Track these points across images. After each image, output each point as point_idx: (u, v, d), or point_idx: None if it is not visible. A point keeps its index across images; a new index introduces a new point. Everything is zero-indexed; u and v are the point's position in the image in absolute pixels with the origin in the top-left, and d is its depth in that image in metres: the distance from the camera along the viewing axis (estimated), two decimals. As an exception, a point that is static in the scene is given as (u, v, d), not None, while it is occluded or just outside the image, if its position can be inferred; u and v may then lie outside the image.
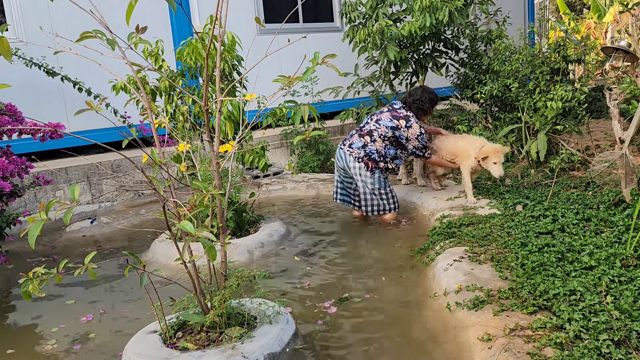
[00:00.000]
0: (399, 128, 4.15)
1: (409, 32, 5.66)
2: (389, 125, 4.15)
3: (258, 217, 4.32)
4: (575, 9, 14.92)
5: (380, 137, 4.15)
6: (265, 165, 3.99)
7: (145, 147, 2.23)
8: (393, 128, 4.15)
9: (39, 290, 1.87)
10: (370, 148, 4.15)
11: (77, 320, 2.95)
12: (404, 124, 4.15)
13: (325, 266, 3.49)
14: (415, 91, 4.31)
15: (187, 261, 2.15)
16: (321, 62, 2.07)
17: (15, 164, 3.45)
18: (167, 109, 4.35)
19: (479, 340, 2.25)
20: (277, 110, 3.69)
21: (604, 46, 4.34)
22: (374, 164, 4.16)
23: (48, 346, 2.68)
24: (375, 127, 4.18)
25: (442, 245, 3.37)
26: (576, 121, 4.89)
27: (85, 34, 1.99)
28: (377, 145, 4.15)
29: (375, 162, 4.16)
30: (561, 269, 2.69)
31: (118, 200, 5.43)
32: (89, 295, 3.32)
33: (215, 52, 2.83)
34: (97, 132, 5.80)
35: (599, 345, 2.01)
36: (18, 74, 5.37)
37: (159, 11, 6.29)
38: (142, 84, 2.23)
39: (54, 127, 3.34)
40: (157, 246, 3.90)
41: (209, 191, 2.01)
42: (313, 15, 8.11)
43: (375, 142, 4.15)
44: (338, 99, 6.70)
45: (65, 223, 1.79)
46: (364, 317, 2.74)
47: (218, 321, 2.26)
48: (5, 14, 5.65)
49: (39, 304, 3.19)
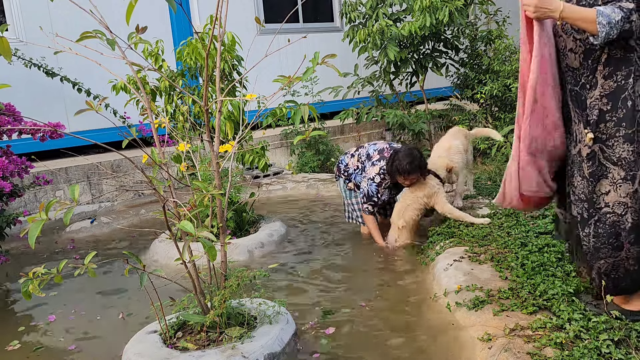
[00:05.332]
0: (371, 158, 3.77)
1: (409, 32, 5.66)
2: (372, 149, 3.84)
3: (258, 217, 4.32)
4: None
5: (358, 154, 3.89)
6: (265, 165, 3.99)
7: (145, 147, 2.23)
8: (368, 155, 3.81)
9: (38, 290, 1.87)
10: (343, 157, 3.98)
11: (76, 319, 2.96)
12: (376, 159, 3.74)
13: (325, 266, 3.48)
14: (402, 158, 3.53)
15: (187, 261, 2.15)
16: (321, 62, 2.07)
17: (15, 164, 3.44)
18: (167, 109, 4.35)
19: (479, 340, 2.25)
20: (277, 110, 3.69)
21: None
22: (338, 171, 3.98)
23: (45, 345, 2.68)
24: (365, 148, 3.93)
25: (442, 245, 3.37)
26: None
27: (85, 34, 1.99)
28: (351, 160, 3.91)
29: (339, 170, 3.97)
30: (561, 269, 2.69)
31: (118, 200, 5.43)
32: (89, 295, 3.32)
33: (215, 52, 2.83)
34: (97, 132, 5.79)
35: (599, 345, 2.01)
36: (18, 74, 5.37)
37: (158, 11, 6.29)
38: (142, 84, 2.23)
39: (53, 127, 3.34)
40: (157, 246, 3.90)
41: (209, 191, 2.01)
42: (313, 15, 8.11)
43: (353, 157, 3.92)
44: (338, 99, 6.70)
45: (65, 223, 1.79)
46: (363, 316, 2.74)
47: (218, 321, 2.26)
48: (5, 14, 5.65)
49: (38, 303, 3.19)
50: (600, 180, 2.15)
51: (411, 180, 3.59)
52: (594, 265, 2.22)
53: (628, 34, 1.97)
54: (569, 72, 2.19)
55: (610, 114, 2.09)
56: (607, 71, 2.07)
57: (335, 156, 6.64)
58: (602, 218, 2.16)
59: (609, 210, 2.14)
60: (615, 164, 2.11)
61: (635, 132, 2.07)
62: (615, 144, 2.10)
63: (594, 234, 2.18)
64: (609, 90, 2.08)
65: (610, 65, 2.06)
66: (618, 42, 2.02)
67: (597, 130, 2.13)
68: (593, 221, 2.18)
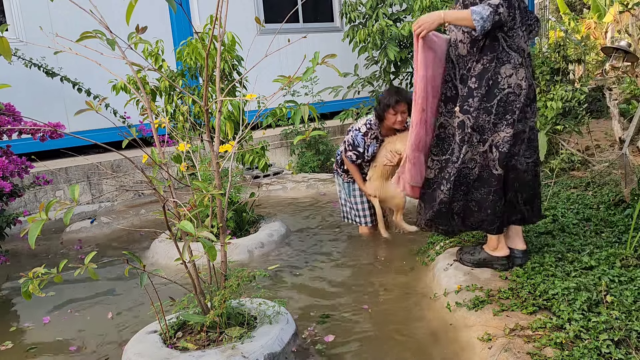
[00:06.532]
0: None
1: (409, 32, 5.66)
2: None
3: (258, 217, 4.32)
4: (575, 9, 14.92)
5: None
6: (265, 165, 3.99)
7: (145, 147, 2.23)
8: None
9: (38, 290, 1.87)
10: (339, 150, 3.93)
11: (70, 319, 2.96)
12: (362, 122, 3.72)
13: (325, 265, 3.49)
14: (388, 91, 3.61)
15: (187, 261, 2.15)
16: (321, 62, 2.07)
17: (15, 164, 3.44)
18: (167, 109, 4.35)
19: (479, 340, 2.25)
20: (277, 110, 3.69)
21: (604, 46, 4.35)
22: (337, 166, 3.96)
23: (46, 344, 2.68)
24: None
25: (442, 245, 3.37)
26: (576, 121, 4.89)
27: (85, 34, 1.99)
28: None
29: (337, 163, 3.95)
30: (561, 269, 2.69)
31: (118, 200, 5.43)
32: (88, 294, 3.32)
33: (215, 52, 2.83)
34: (97, 132, 5.80)
35: (599, 345, 2.01)
36: (18, 74, 5.37)
37: (158, 11, 6.29)
38: (142, 84, 2.23)
39: (53, 127, 3.34)
40: (157, 246, 3.90)
41: (209, 191, 2.01)
42: (313, 15, 8.10)
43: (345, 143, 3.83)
44: (338, 99, 6.71)
45: (65, 223, 1.79)
46: (363, 316, 2.74)
47: (218, 321, 2.26)
48: (5, 14, 5.65)
49: (39, 301, 3.19)
50: (463, 145, 2.66)
51: (402, 112, 3.49)
52: (453, 207, 2.79)
53: (499, 23, 2.46)
54: (460, 59, 2.67)
55: (477, 91, 2.58)
56: (479, 56, 2.57)
57: (335, 156, 6.63)
58: (458, 172, 2.71)
59: (464, 165, 2.69)
60: (474, 130, 2.62)
61: (494, 106, 2.57)
62: (477, 115, 2.60)
63: (451, 185, 2.73)
64: (477, 71, 2.58)
65: (481, 51, 2.56)
66: (492, 32, 2.50)
67: (465, 103, 2.63)
68: (454, 176, 2.72)
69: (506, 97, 2.56)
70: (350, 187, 3.90)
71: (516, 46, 2.55)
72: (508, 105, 2.56)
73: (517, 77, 2.55)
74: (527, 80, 2.59)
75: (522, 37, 2.58)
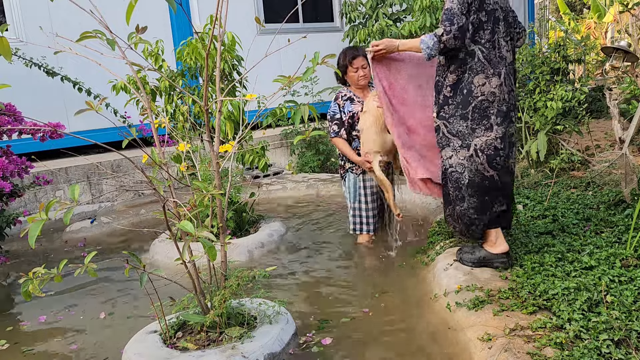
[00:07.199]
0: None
1: (409, 32, 5.66)
2: None
3: (258, 217, 4.32)
4: (575, 9, 14.92)
5: None
6: (265, 165, 3.99)
7: (145, 147, 2.23)
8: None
9: (38, 290, 1.87)
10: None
11: (66, 318, 2.96)
12: None
13: (325, 265, 3.48)
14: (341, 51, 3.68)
15: (187, 261, 2.15)
16: (321, 62, 2.07)
17: (15, 164, 3.44)
18: (167, 109, 4.35)
19: (479, 340, 2.24)
20: (277, 110, 3.69)
21: (604, 46, 4.34)
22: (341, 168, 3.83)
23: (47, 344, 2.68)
24: None
25: (442, 245, 3.36)
26: (576, 121, 4.89)
27: (85, 34, 1.99)
28: None
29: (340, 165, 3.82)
30: (561, 269, 2.69)
31: (118, 200, 5.42)
32: (88, 294, 3.32)
33: (215, 52, 2.82)
34: (97, 132, 5.80)
35: (599, 345, 2.01)
36: (18, 73, 5.37)
37: (159, 11, 6.29)
38: (142, 84, 2.23)
39: (53, 127, 3.34)
40: (157, 246, 3.90)
41: (209, 191, 2.01)
42: (313, 15, 8.10)
43: None
44: (338, 99, 6.68)
45: (65, 223, 1.79)
46: (362, 316, 2.74)
47: (218, 321, 2.26)
48: (5, 14, 5.65)
49: (38, 301, 3.19)
50: (445, 148, 2.85)
51: (362, 67, 3.56)
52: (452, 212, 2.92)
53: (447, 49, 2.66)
54: (440, 68, 2.85)
55: (452, 99, 2.78)
56: (452, 68, 2.75)
57: (335, 156, 6.63)
58: (449, 176, 2.85)
59: (453, 169, 2.82)
60: (454, 135, 2.79)
61: (469, 112, 2.74)
62: (454, 121, 2.78)
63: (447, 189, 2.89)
64: (452, 81, 2.77)
65: (455, 64, 2.74)
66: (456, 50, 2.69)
67: (441, 110, 2.83)
68: (446, 180, 2.88)
69: (480, 104, 2.73)
70: (358, 188, 3.72)
71: (496, 56, 2.73)
72: (483, 112, 2.73)
73: (491, 86, 2.72)
74: (504, 87, 2.75)
75: (505, 46, 2.76)
